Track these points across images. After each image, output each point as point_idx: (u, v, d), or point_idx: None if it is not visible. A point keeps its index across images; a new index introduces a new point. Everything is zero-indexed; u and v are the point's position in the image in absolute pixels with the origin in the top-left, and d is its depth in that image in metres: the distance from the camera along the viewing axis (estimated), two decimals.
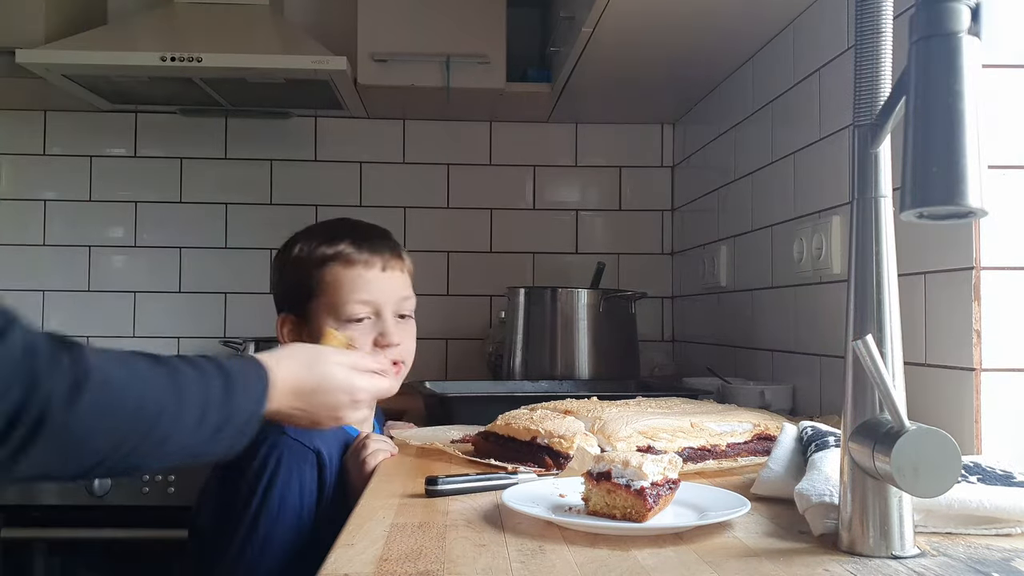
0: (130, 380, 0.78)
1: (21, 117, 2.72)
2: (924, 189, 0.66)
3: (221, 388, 0.86)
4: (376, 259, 1.34)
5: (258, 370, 0.93)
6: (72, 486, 2.05)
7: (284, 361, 0.97)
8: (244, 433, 0.90)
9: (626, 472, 0.85)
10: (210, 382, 0.85)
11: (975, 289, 1.14)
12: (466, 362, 2.74)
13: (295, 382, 0.96)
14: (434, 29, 2.38)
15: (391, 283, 1.35)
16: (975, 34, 0.67)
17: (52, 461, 0.73)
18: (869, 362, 0.71)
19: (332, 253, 1.32)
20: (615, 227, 2.83)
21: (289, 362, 0.98)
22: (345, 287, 1.31)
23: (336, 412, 1.01)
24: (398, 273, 1.37)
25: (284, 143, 2.77)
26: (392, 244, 1.38)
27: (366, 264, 1.32)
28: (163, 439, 0.80)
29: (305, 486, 1.20)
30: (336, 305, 1.30)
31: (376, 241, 1.36)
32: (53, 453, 0.72)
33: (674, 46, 2.01)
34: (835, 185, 1.59)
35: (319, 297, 1.31)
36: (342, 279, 1.31)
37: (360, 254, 1.33)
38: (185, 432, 0.82)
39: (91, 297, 2.70)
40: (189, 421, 0.82)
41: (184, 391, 0.82)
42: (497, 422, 1.24)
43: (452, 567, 0.71)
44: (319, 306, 1.32)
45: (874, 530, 0.74)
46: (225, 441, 0.88)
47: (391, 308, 1.33)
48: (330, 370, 1.00)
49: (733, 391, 1.76)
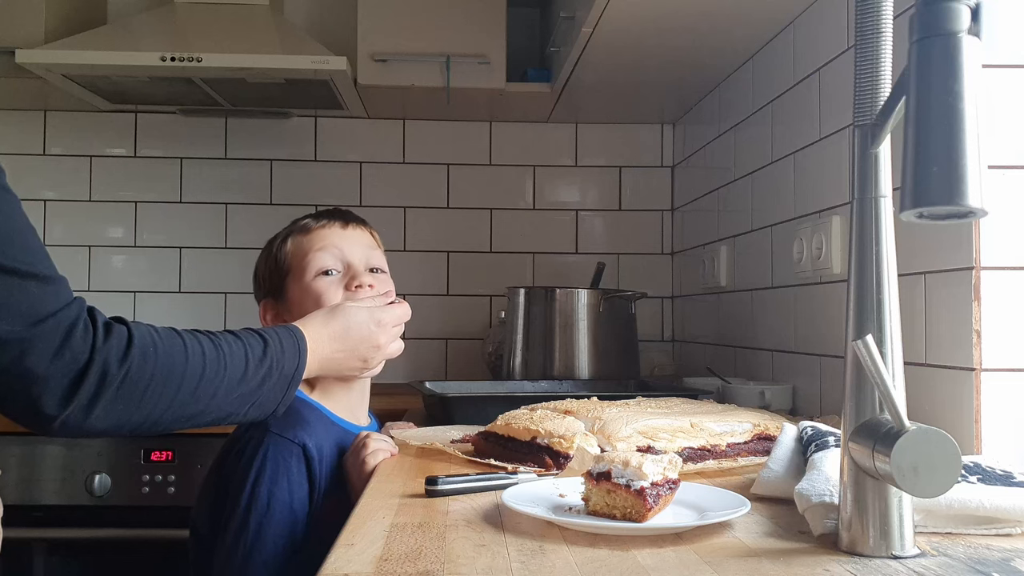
0: (173, 343, 0.91)
1: (21, 117, 2.72)
2: (924, 189, 0.66)
3: (260, 346, 1.00)
4: (335, 222, 1.40)
5: (290, 329, 1.06)
6: (72, 486, 2.05)
7: (307, 321, 1.11)
8: (291, 384, 1.03)
9: (626, 472, 0.85)
10: (249, 341, 0.99)
11: (975, 289, 1.14)
12: (466, 362, 2.74)
13: (326, 329, 1.10)
14: (434, 29, 2.38)
15: (354, 238, 1.39)
16: (975, 34, 0.67)
17: (119, 412, 0.86)
18: (869, 362, 0.71)
19: (291, 229, 1.40)
20: (615, 227, 2.83)
21: (312, 319, 1.11)
22: (306, 246, 1.37)
23: (373, 341, 1.13)
24: (361, 232, 1.41)
25: (284, 143, 2.77)
26: (352, 215, 1.44)
27: (324, 226, 1.39)
28: (213, 391, 0.93)
29: (293, 479, 1.21)
30: (303, 265, 1.35)
31: (336, 212, 1.43)
32: (119, 404, 0.85)
33: (674, 46, 2.01)
34: (835, 185, 1.59)
35: (290, 271, 1.37)
36: (303, 242, 1.37)
37: (317, 221, 1.40)
38: (232, 384, 0.95)
39: (91, 297, 2.64)
40: (234, 374, 0.95)
41: (226, 350, 0.96)
42: (497, 422, 1.24)
43: (452, 567, 0.71)
44: (292, 280, 1.37)
45: (874, 530, 0.74)
46: (273, 392, 1.00)
47: (358, 258, 1.37)
48: (351, 311, 1.13)
49: (733, 391, 1.76)
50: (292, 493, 1.20)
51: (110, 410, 0.85)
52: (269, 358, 1.00)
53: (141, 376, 0.86)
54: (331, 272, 1.34)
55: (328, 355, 1.10)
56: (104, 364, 0.84)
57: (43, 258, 0.84)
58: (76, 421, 0.83)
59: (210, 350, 0.94)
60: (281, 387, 1.01)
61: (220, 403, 0.95)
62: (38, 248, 0.84)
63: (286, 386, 1.02)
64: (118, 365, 0.85)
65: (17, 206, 0.83)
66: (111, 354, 0.84)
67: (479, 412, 1.47)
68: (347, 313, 1.13)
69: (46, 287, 0.83)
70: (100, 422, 0.85)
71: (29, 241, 0.83)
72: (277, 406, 1.03)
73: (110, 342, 0.85)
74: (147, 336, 0.89)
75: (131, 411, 0.87)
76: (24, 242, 0.83)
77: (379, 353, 1.15)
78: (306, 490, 1.22)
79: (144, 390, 0.87)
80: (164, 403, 0.89)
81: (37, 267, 0.82)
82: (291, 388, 1.03)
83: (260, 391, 0.99)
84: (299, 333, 1.06)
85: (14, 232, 0.82)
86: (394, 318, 1.16)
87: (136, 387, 0.86)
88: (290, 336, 1.05)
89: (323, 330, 1.09)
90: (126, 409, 0.86)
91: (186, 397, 0.91)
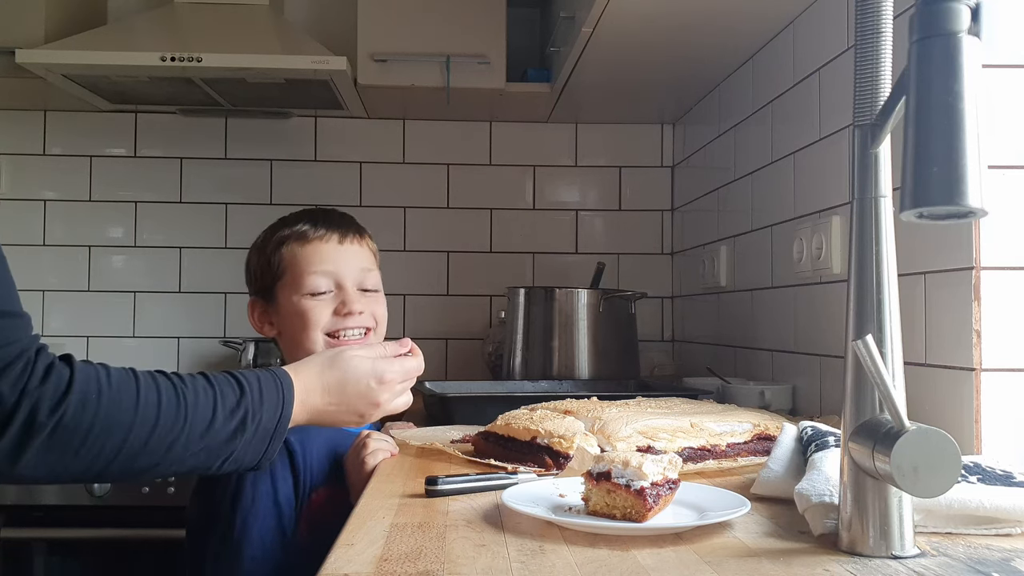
0: (123, 389, 0.82)
1: (21, 117, 2.72)
2: (924, 189, 0.66)
3: (234, 395, 0.90)
4: (333, 233, 1.39)
5: (276, 377, 0.96)
6: (72, 486, 2.05)
7: (302, 366, 1.01)
8: (273, 438, 0.93)
9: (626, 472, 0.85)
10: (223, 390, 0.89)
11: (975, 289, 1.14)
12: (466, 362, 2.74)
13: (321, 380, 1.00)
14: (434, 29, 2.38)
15: (350, 255, 1.39)
16: (975, 34, 0.67)
17: (52, 462, 0.78)
18: (869, 362, 0.71)
19: (289, 233, 1.39)
20: (615, 227, 2.83)
21: (308, 365, 1.01)
22: (302, 261, 1.37)
23: (371, 398, 1.03)
24: (357, 247, 1.41)
25: (284, 143, 2.77)
26: (351, 221, 1.43)
27: (322, 238, 1.38)
28: (169, 444, 0.84)
29: (276, 474, 1.22)
30: (297, 281, 1.36)
31: (334, 218, 1.42)
32: (52, 453, 0.78)
33: (674, 46, 2.01)
34: (835, 185, 1.59)
35: (282, 278, 1.37)
36: (299, 254, 1.37)
37: (316, 231, 1.39)
38: (193, 436, 0.85)
39: (91, 297, 2.70)
40: (197, 426, 0.86)
41: (189, 400, 0.86)
42: (497, 422, 1.24)
43: (452, 567, 0.71)
44: (283, 286, 1.37)
45: (874, 530, 0.74)
46: (252, 445, 0.91)
47: (352, 279, 1.37)
48: (352, 361, 1.02)
49: (733, 391, 1.76)
50: (276, 486, 1.21)
51: (41, 459, 0.77)
52: (243, 409, 0.90)
53: (79, 425, 0.78)
54: (325, 293, 1.36)
55: (320, 408, 1.00)
56: (32, 410, 0.76)
57: (3, 292, 0.78)
58: (1, 468, 0.77)
59: (168, 399, 0.84)
60: (261, 440, 0.92)
61: (179, 456, 0.85)
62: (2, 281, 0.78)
63: (267, 439, 0.92)
64: (49, 412, 0.77)
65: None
66: (43, 399, 0.77)
67: (479, 412, 1.47)
68: (347, 365, 1.02)
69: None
70: (30, 470, 0.78)
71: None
72: (260, 459, 0.93)
73: (45, 386, 0.77)
74: (92, 381, 0.81)
75: (67, 461, 0.79)
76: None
77: (378, 411, 1.04)
78: (291, 483, 1.23)
79: (83, 440, 0.79)
80: (108, 454, 0.81)
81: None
82: (274, 441, 0.93)
83: (232, 444, 0.89)
84: (287, 381, 0.96)
85: None
86: (401, 374, 1.05)
87: (73, 436, 0.78)
88: (273, 384, 0.94)
89: (317, 380, 0.99)
90: (61, 459, 0.78)
91: (135, 448, 0.82)
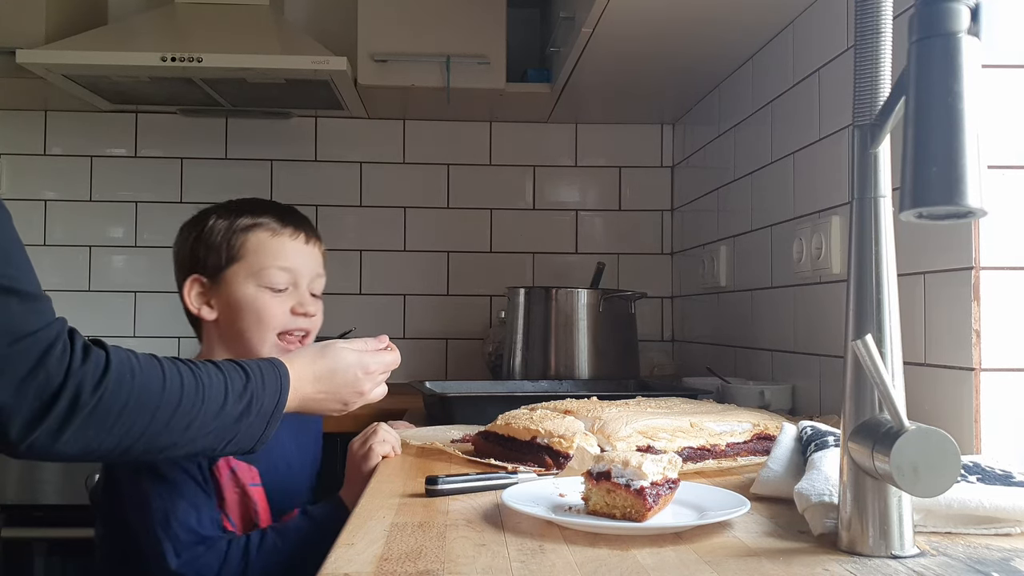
0: (151, 371, 0.89)
1: (21, 117, 2.72)
2: (924, 189, 0.66)
3: (240, 380, 0.97)
4: (300, 232, 1.41)
5: (275, 365, 1.03)
6: (72, 486, 2.05)
7: (296, 356, 1.09)
8: (270, 422, 1.00)
9: (626, 472, 0.85)
10: (230, 375, 0.96)
11: (975, 289, 1.14)
12: (466, 362, 2.74)
13: (312, 369, 1.08)
14: (434, 29, 2.38)
15: (311, 258, 1.42)
16: (975, 34, 0.67)
17: (89, 438, 0.83)
18: (869, 362, 0.71)
19: (255, 222, 1.39)
20: (615, 227, 2.83)
21: (301, 356, 1.09)
22: (270, 253, 1.37)
23: (357, 387, 1.11)
24: (316, 251, 1.44)
25: (284, 143, 2.77)
26: (311, 224, 1.46)
27: (291, 235, 1.40)
28: (187, 423, 0.90)
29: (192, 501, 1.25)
30: (258, 270, 1.36)
31: (298, 217, 1.44)
32: (89, 430, 0.83)
33: (674, 46, 2.01)
34: (835, 185, 1.59)
35: (239, 262, 1.36)
36: (267, 245, 1.38)
37: (285, 226, 1.40)
38: (207, 417, 0.92)
39: (91, 297, 2.70)
40: (211, 408, 0.92)
41: (204, 382, 0.93)
42: (497, 422, 1.24)
43: (452, 567, 0.71)
44: (237, 271, 1.36)
45: (874, 530, 0.74)
46: (251, 429, 0.97)
47: (307, 282, 1.40)
48: (341, 353, 1.11)
49: (733, 391, 1.76)
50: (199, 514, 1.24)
51: (79, 436, 0.82)
52: (249, 392, 0.97)
53: (115, 402, 0.84)
54: (283, 290, 1.37)
55: (310, 395, 1.07)
56: (78, 388, 0.81)
57: (28, 275, 0.82)
58: (43, 445, 0.81)
59: (188, 381, 0.91)
60: (260, 424, 0.98)
61: (194, 435, 0.91)
62: (23, 264, 0.82)
63: (265, 423, 0.99)
64: (92, 390, 0.82)
65: (8, 221, 0.82)
66: (86, 378, 0.82)
67: (479, 412, 1.47)
68: (336, 355, 1.10)
69: (28, 305, 0.81)
70: (68, 447, 0.82)
71: (14, 256, 0.81)
72: (255, 443, 0.99)
73: (87, 366, 0.82)
74: (125, 362, 0.86)
75: (101, 438, 0.84)
76: (9, 257, 0.81)
77: (361, 399, 1.13)
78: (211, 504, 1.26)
79: (117, 418, 0.84)
80: (136, 432, 0.86)
81: (21, 284, 0.81)
82: (270, 425, 1.00)
83: (238, 427, 0.96)
84: (283, 369, 1.03)
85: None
86: (382, 366, 1.15)
87: (109, 414, 0.84)
88: (273, 371, 1.02)
89: (308, 369, 1.07)
90: (96, 436, 0.84)
91: (159, 427, 0.88)
